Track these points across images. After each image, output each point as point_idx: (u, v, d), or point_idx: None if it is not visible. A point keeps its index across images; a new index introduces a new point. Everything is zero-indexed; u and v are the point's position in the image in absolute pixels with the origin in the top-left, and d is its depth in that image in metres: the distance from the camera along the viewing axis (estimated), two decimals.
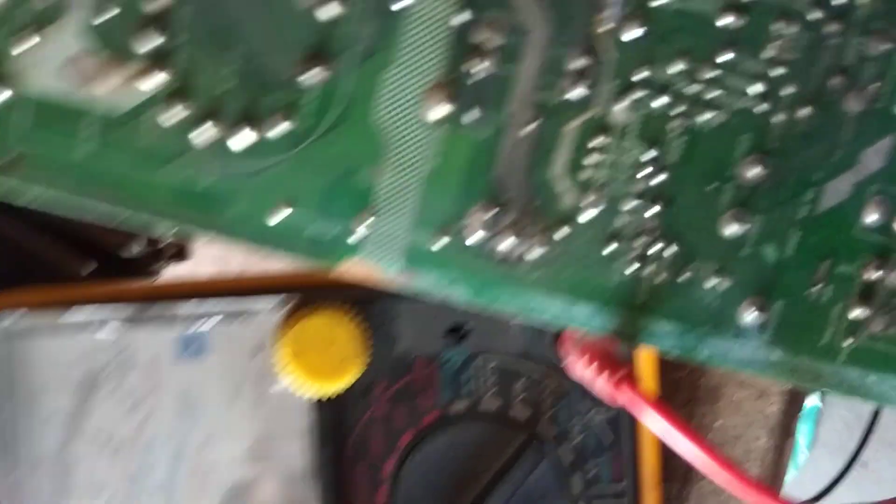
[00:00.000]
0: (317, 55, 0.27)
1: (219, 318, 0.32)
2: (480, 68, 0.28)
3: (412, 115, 0.28)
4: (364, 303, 0.33)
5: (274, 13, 0.27)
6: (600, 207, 0.29)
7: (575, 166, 0.29)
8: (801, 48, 0.28)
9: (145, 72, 0.27)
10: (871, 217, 0.29)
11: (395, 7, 0.27)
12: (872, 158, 0.29)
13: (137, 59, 0.27)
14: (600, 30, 0.28)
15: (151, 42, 0.26)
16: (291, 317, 0.32)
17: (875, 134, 0.29)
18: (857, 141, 0.29)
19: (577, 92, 0.28)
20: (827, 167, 0.29)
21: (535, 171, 0.28)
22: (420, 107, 0.28)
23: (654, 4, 0.28)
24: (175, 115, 0.27)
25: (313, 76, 0.27)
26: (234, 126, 0.27)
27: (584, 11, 0.28)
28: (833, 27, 0.28)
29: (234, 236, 0.28)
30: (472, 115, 0.28)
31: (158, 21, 0.26)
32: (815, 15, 0.28)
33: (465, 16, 0.27)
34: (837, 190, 0.29)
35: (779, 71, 0.28)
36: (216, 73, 0.27)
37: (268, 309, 0.32)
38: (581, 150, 0.28)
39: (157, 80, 0.27)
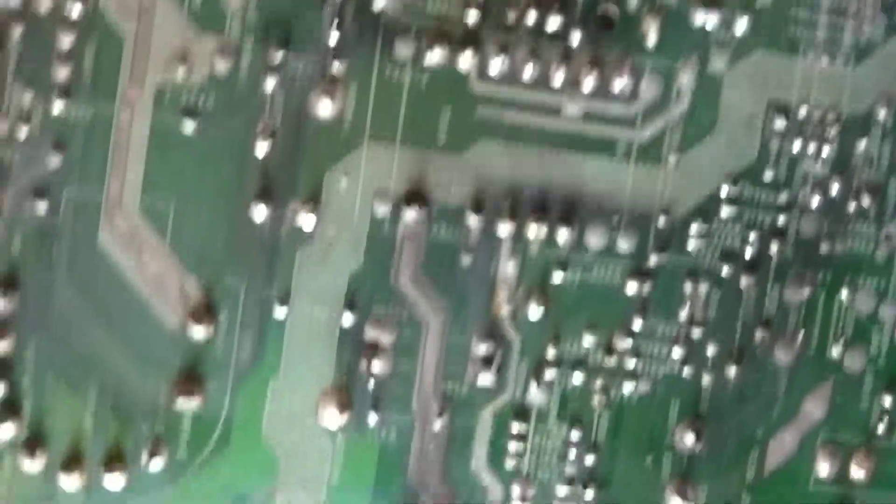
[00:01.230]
0: (190, 377, 0.25)
1: None
2: (376, 367, 0.26)
3: (307, 426, 0.26)
4: None
5: (137, 339, 0.25)
6: (531, 498, 0.27)
7: (497, 456, 0.27)
8: (716, 306, 0.27)
9: None
10: (824, 469, 0.27)
11: (277, 316, 0.26)
12: (813, 407, 0.27)
13: None
14: (499, 312, 0.26)
15: None
16: None
17: (812, 382, 0.27)
18: (795, 392, 0.27)
19: (485, 378, 0.26)
20: (767, 423, 0.27)
21: (454, 467, 0.26)
22: (315, 416, 0.26)
23: (555, 282, 0.26)
24: (35, 464, 0.25)
25: (188, 400, 0.25)
26: (104, 466, 0.25)
27: (480, 294, 0.26)
28: (747, 280, 0.27)
29: None
30: (374, 417, 0.26)
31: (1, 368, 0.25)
32: (726, 270, 0.27)
33: (350, 317, 0.26)
34: (783, 445, 0.27)
35: (698, 332, 0.27)
36: (74, 415, 0.25)
37: None
38: (501, 439, 0.27)
39: (7, 431, 0.25)
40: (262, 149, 0.25)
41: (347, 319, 0.26)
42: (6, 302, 0.25)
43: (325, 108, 0.25)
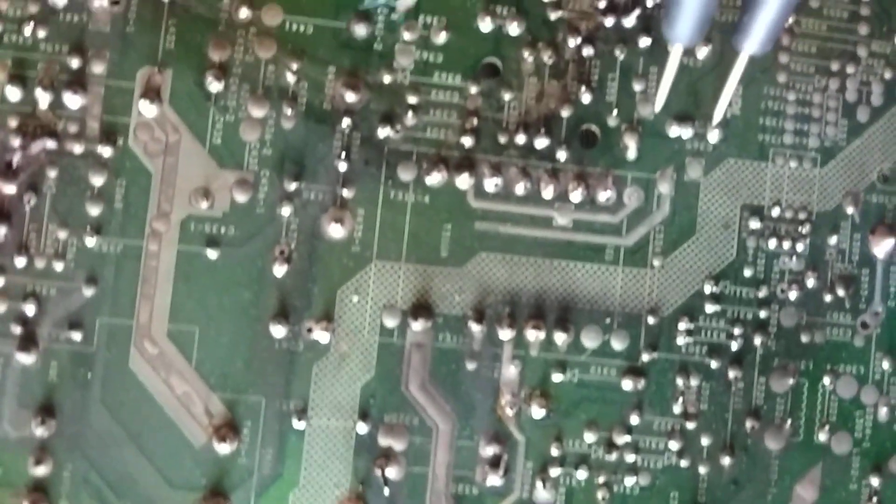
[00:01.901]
0: (216, 491, 0.26)
1: None
2: (390, 473, 0.27)
3: None
4: None
5: (166, 457, 0.26)
6: None
7: None
8: (707, 398, 0.28)
9: None
10: None
11: (296, 428, 0.27)
12: (805, 491, 0.28)
13: None
14: (504, 414, 0.28)
15: None
16: None
17: (802, 466, 0.28)
18: (787, 477, 0.28)
19: (494, 479, 0.27)
20: None
21: None
22: None
23: (554, 382, 0.28)
24: None
25: None
26: None
27: (486, 398, 0.27)
28: (734, 373, 0.28)
29: None
30: None
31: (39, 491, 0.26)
32: (714, 364, 0.28)
33: (364, 426, 0.27)
34: None
35: (691, 424, 0.28)
36: None
37: None
38: None
39: None
40: (279, 271, 0.27)
41: (362, 428, 0.27)
42: (44, 429, 0.26)
43: (336, 231, 0.27)
